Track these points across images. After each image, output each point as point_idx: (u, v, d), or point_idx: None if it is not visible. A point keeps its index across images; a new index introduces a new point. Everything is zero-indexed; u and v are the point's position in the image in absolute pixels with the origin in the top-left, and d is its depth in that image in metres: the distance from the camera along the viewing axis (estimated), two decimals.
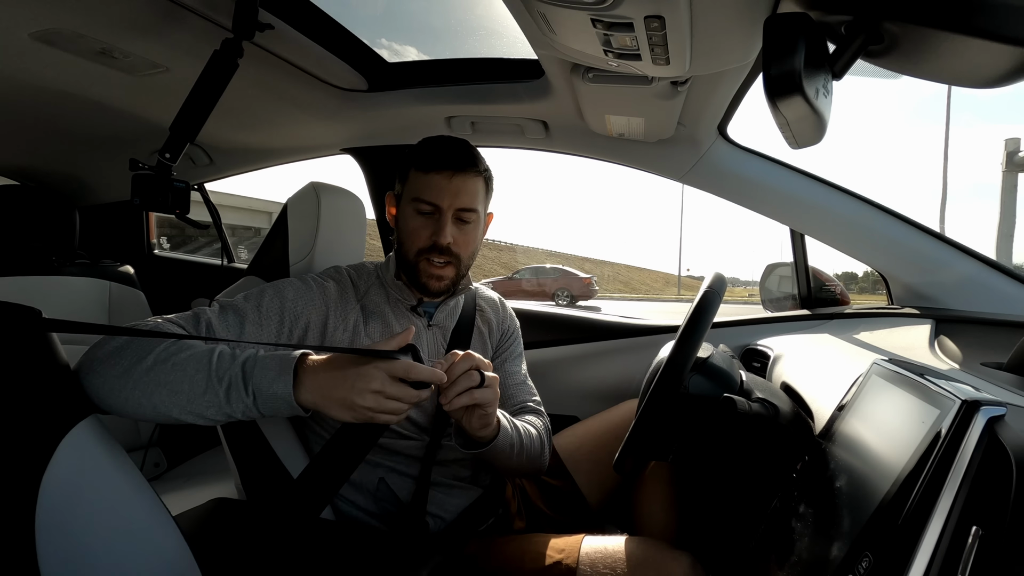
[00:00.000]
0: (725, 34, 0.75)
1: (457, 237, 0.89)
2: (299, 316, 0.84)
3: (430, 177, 0.87)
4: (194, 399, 0.63)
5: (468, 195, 0.89)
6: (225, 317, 0.78)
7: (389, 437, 0.89)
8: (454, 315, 0.99)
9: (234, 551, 0.74)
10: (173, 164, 1.08)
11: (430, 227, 0.88)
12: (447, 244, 0.87)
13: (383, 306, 0.93)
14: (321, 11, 1.10)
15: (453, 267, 0.91)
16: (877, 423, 0.56)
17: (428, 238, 0.88)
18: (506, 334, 1.07)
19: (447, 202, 0.87)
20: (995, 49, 0.45)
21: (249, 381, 0.64)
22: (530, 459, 0.90)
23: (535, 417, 0.99)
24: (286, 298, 0.84)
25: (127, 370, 0.63)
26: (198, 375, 0.64)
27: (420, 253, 0.89)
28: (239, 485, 0.94)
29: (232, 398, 0.64)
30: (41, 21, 0.94)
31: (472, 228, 0.91)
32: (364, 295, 0.93)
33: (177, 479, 1.59)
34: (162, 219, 2.35)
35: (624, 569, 0.76)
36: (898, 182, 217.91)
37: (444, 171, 0.87)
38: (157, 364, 0.64)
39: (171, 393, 0.63)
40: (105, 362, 0.64)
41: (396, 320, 0.92)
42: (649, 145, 1.33)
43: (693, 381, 0.72)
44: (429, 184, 0.87)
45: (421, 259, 0.89)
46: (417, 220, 0.89)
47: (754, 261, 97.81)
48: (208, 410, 0.64)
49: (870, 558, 0.43)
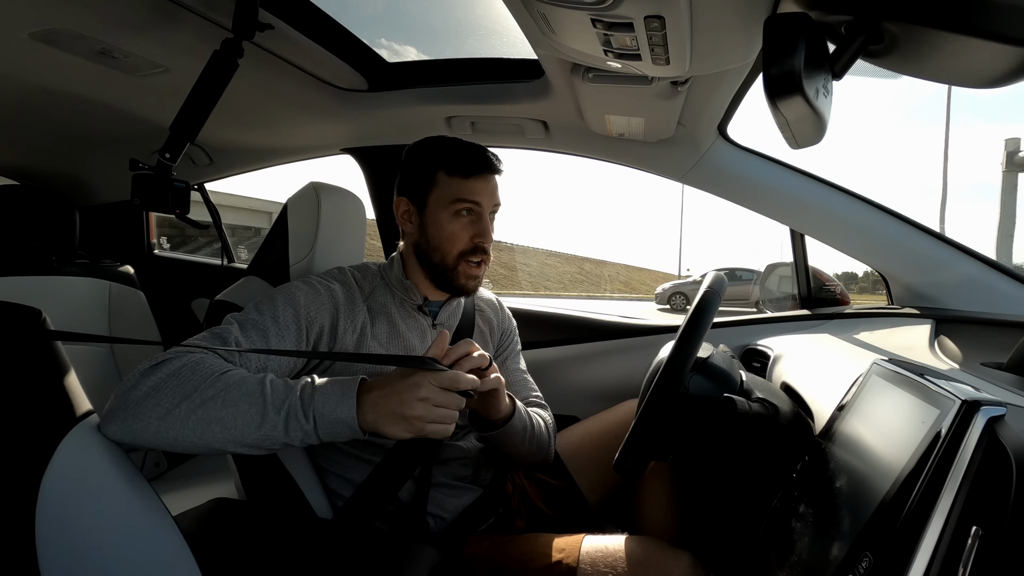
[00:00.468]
0: (725, 34, 0.75)
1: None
2: (313, 321, 0.84)
3: (471, 182, 0.90)
4: (249, 432, 0.62)
5: (498, 193, 0.93)
6: (248, 335, 0.76)
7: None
8: (456, 315, 1.00)
9: (234, 551, 0.74)
10: (173, 164, 1.08)
11: (471, 229, 0.90)
12: (487, 244, 0.91)
13: (389, 307, 0.93)
14: (321, 11, 1.10)
15: (486, 264, 0.94)
16: (877, 423, 0.56)
17: (470, 240, 0.90)
18: (506, 333, 1.09)
19: (487, 202, 0.91)
20: (995, 49, 0.45)
21: (309, 408, 0.64)
22: (540, 447, 0.93)
23: (541, 410, 1.01)
24: (299, 304, 0.84)
25: (170, 411, 0.61)
26: (252, 408, 0.63)
27: (462, 255, 0.91)
28: (239, 485, 0.94)
29: (291, 427, 0.63)
30: (41, 21, 0.94)
31: (493, 226, 0.96)
32: (369, 296, 0.93)
33: (177, 479, 1.59)
34: (162, 219, 2.35)
35: (624, 568, 0.76)
36: (898, 182, 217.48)
37: (483, 173, 0.90)
38: (206, 402, 0.62)
39: (224, 429, 0.62)
40: (143, 404, 0.62)
41: (402, 320, 0.92)
42: (649, 145, 1.33)
43: (693, 381, 0.72)
44: (472, 187, 0.90)
45: (461, 261, 0.91)
46: (457, 223, 0.90)
47: (754, 261, 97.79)
48: (265, 441, 0.63)
49: (870, 558, 0.43)
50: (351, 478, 0.90)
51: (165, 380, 0.63)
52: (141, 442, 0.62)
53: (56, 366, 0.62)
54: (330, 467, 0.91)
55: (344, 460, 0.91)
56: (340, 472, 0.91)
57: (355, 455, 0.90)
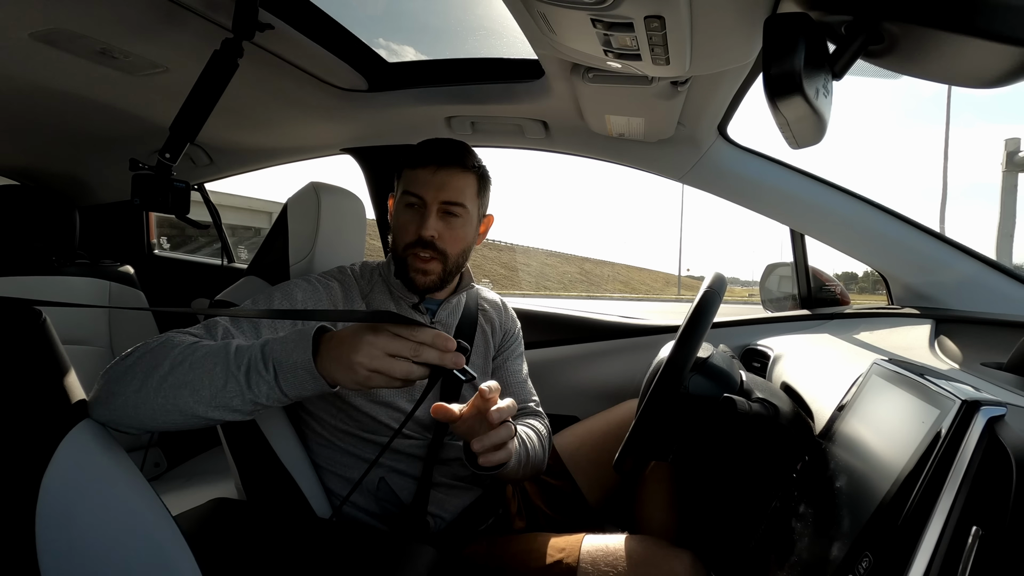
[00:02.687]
0: (725, 34, 0.75)
1: (443, 232, 0.90)
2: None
3: (416, 172, 0.90)
4: (216, 393, 0.61)
5: (453, 189, 0.90)
6: (239, 325, 0.77)
7: (388, 435, 0.89)
8: (457, 312, 1.00)
9: (234, 551, 0.74)
10: (173, 164, 1.08)
11: (416, 220, 0.90)
12: (430, 237, 0.88)
13: (387, 304, 0.94)
14: (321, 11, 1.10)
15: (439, 262, 0.91)
16: (877, 423, 0.56)
17: (415, 232, 0.89)
18: (508, 334, 1.09)
19: (431, 195, 0.89)
20: (995, 49, 0.45)
21: (269, 358, 0.61)
22: (534, 468, 0.91)
23: (537, 420, 1.00)
24: (296, 300, 0.85)
25: (144, 382, 0.61)
26: (216, 367, 0.62)
27: (407, 247, 0.91)
28: (239, 485, 0.95)
29: (253, 380, 0.61)
30: (41, 21, 0.94)
31: (460, 224, 0.92)
32: (368, 293, 0.95)
33: (177, 479, 1.59)
34: (162, 219, 2.35)
35: (625, 567, 0.76)
36: (898, 182, 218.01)
37: (429, 165, 0.90)
38: (174, 368, 0.62)
39: (192, 392, 0.61)
40: (120, 382, 0.62)
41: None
42: (649, 145, 1.33)
43: (693, 381, 0.72)
44: (416, 178, 0.90)
45: (408, 253, 0.91)
46: (406, 214, 0.91)
47: (754, 261, 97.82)
48: (233, 400, 0.61)
49: (870, 558, 0.43)
50: (351, 477, 0.90)
51: (140, 357, 0.64)
52: (124, 419, 0.61)
53: (56, 366, 0.62)
54: (330, 467, 0.91)
55: (343, 459, 0.91)
56: (340, 472, 0.91)
57: (355, 454, 0.90)
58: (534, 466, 0.90)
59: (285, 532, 0.80)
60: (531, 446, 0.89)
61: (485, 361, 1.03)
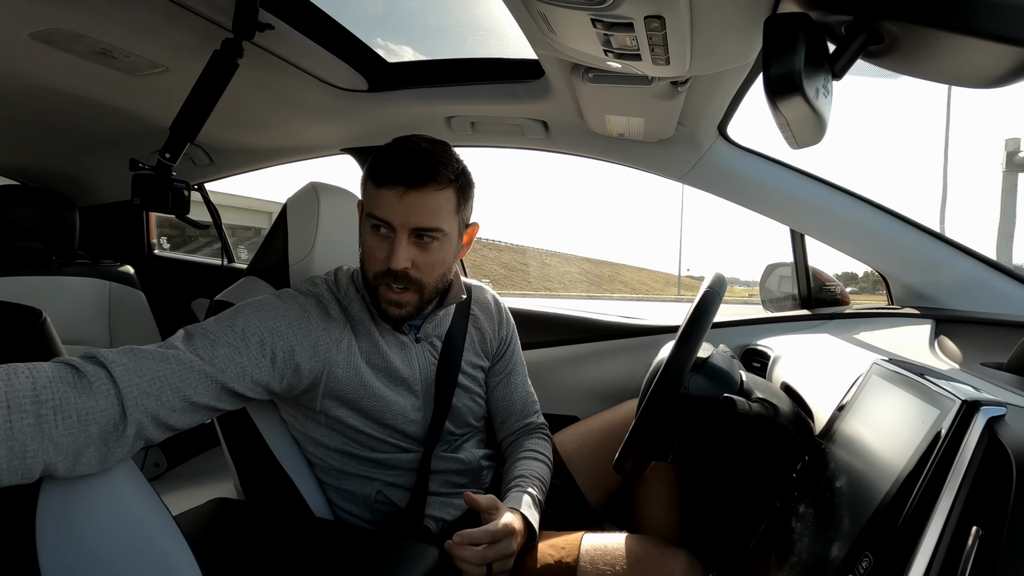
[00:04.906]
0: (725, 34, 0.75)
1: (417, 259, 0.79)
2: (280, 336, 0.76)
3: (381, 192, 0.77)
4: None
5: (427, 213, 0.78)
6: (193, 344, 0.69)
7: (384, 452, 0.89)
8: (444, 325, 0.95)
9: (234, 551, 0.74)
10: (173, 164, 1.08)
11: (385, 249, 0.79)
12: (402, 269, 0.78)
13: (368, 323, 0.86)
14: (321, 11, 1.10)
15: (414, 293, 0.81)
16: (877, 423, 0.56)
17: (383, 261, 0.79)
18: (504, 341, 1.05)
19: (400, 220, 0.77)
20: (995, 49, 0.45)
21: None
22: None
23: (542, 441, 1.00)
24: (263, 319, 0.75)
25: None
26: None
27: (377, 277, 0.81)
28: (239, 485, 0.95)
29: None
30: (41, 21, 0.94)
31: (437, 248, 0.81)
32: (347, 308, 0.86)
33: (177, 479, 1.59)
34: (162, 219, 2.35)
35: (624, 566, 0.76)
36: (898, 182, 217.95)
37: (396, 186, 0.76)
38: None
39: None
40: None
41: (382, 338, 0.87)
42: (649, 145, 1.33)
43: (693, 381, 0.72)
44: (381, 200, 0.78)
45: (380, 283, 0.81)
46: (373, 239, 0.80)
47: (754, 261, 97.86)
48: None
49: (870, 558, 0.43)
50: (347, 488, 0.91)
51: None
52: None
53: None
54: (328, 479, 0.92)
55: (338, 473, 0.91)
56: (335, 483, 0.91)
57: (351, 472, 0.90)
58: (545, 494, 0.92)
59: (286, 532, 0.80)
60: (539, 491, 0.90)
61: (474, 371, 1.00)
